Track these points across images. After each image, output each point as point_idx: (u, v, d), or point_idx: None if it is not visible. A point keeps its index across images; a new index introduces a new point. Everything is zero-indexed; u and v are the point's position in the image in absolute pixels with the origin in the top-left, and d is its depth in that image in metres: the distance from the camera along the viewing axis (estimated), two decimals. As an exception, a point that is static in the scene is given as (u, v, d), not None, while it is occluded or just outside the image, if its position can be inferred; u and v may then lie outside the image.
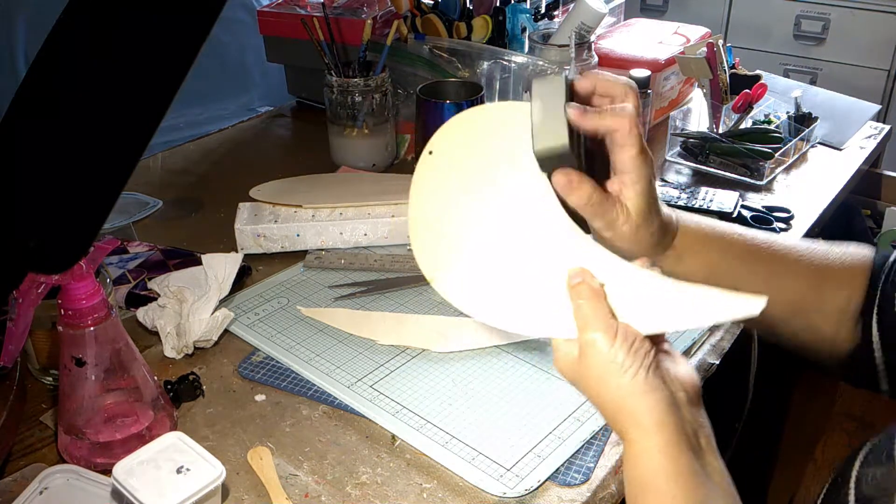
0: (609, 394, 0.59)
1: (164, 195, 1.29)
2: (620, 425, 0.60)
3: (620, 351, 0.58)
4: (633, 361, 0.58)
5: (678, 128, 1.38)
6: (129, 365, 0.77)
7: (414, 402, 0.85)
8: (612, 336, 0.59)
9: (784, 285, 0.70)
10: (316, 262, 1.09)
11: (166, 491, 0.69)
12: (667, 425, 0.58)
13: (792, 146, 1.36)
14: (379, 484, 0.76)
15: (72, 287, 0.70)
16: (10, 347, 0.72)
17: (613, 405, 0.60)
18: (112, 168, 0.63)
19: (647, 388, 0.59)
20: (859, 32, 2.54)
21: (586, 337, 0.59)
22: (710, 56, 1.35)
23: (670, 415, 0.59)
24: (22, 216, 0.65)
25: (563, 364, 0.61)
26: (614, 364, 0.59)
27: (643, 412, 0.60)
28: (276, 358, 0.92)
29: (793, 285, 0.70)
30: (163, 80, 0.61)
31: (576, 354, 0.60)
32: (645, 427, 0.59)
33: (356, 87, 1.28)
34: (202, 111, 1.98)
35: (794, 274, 0.70)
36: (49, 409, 0.85)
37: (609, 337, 0.59)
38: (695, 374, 0.62)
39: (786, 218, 1.20)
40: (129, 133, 0.62)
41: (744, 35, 2.72)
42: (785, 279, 0.70)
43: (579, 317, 0.60)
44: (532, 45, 1.43)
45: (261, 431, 0.83)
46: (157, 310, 0.94)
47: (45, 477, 0.74)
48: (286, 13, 1.53)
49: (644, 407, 0.60)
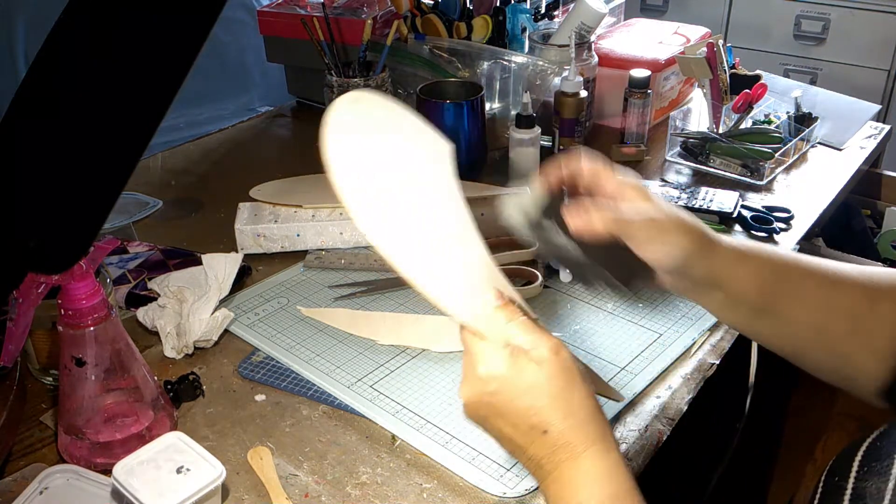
0: (582, 399, 0.59)
1: (164, 195, 1.29)
2: (586, 436, 0.58)
3: (574, 358, 0.60)
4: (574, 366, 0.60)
5: (678, 128, 1.38)
6: (129, 365, 0.77)
7: (414, 402, 0.85)
8: (563, 346, 0.60)
9: (838, 300, 0.67)
10: (316, 262, 1.09)
11: (166, 491, 0.69)
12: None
13: (792, 146, 1.36)
14: (379, 484, 0.76)
15: (72, 287, 0.70)
16: (10, 347, 0.72)
17: (586, 412, 0.59)
18: (112, 168, 0.63)
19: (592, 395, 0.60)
20: (859, 32, 2.54)
21: (544, 349, 0.59)
22: (710, 56, 1.35)
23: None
24: (22, 216, 0.65)
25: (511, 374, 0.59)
26: (578, 372, 0.59)
27: (606, 421, 0.60)
28: (276, 358, 0.92)
29: (847, 300, 0.67)
30: (163, 80, 0.61)
31: (521, 370, 0.59)
32: (611, 438, 0.59)
33: (356, 87, 1.28)
34: (202, 111, 1.98)
35: (849, 288, 0.67)
36: (49, 409, 0.85)
37: (561, 346, 0.59)
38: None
39: (786, 218, 1.20)
40: (129, 133, 0.62)
41: (744, 35, 2.72)
42: (839, 294, 0.67)
43: (518, 331, 0.60)
44: (532, 45, 1.43)
45: (261, 431, 0.83)
46: (157, 310, 0.94)
47: (45, 477, 0.74)
48: (286, 13, 1.53)
49: (603, 415, 0.60)
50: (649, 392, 0.87)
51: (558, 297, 1.02)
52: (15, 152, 0.63)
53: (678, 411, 0.85)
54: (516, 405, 0.59)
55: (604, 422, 0.60)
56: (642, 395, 0.87)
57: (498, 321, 0.61)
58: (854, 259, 1.39)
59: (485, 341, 0.61)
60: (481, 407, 0.61)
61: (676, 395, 0.87)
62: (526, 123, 1.22)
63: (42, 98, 0.61)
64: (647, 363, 0.91)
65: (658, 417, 0.84)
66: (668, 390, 0.88)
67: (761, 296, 0.67)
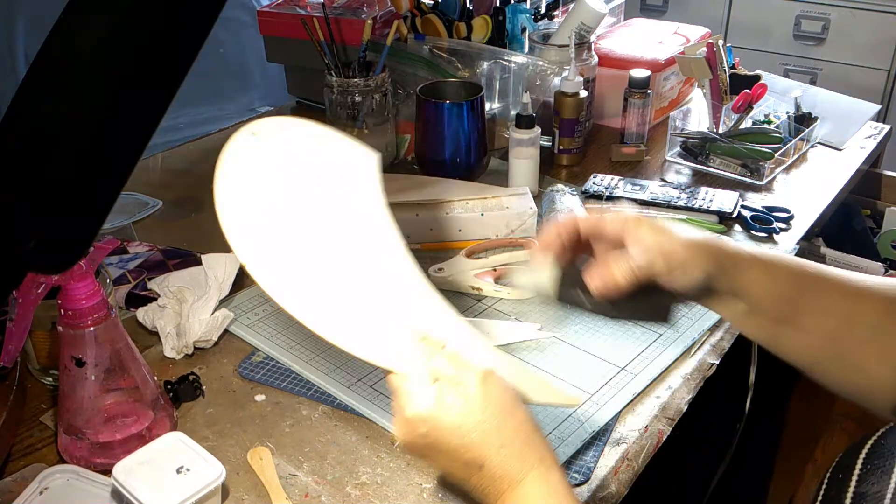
0: (517, 426, 0.58)
1: (164, 195, 1.29)
2: (524, 462, 0.58)
3: (503, 382, 0.60)
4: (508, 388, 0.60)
5: (678, 128, 1.38)
6: (129, 365, 0.77)
7: (414, 402, 0.85)
8: (492, 373, 0.60)
9: (860, 311, 0.67)
10: (316, 262, 1.09)
11: (166, 491, 0.69)
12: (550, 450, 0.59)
13: (792, 146, 1.36)
14: (379, 484, 0.76)
15: (72, 287, 0.70)
16: (10, 347, 0.72)
17: (522, 438, 0.59)
18: (112, 168, 0.63)
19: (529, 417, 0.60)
20: (859, 32, 2.54)
21: (471, 380, 0.59)
22: (710, 56, 1.35)
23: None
24: (22, 216, 0.65)
25: (439, 413, 0.59)
26: (510, 396, 0.59)
27: (544, 442, 0.59)
28: (276, 358, 0.92)
29: (868, 311, 0.66)
30: (163, 80, 0.61)
31: (443, 404, 0.59)
32: (550, 458, 0.59)
33: (356, 87, 1.28)
34: (202, 111, 1.98)
35: (870, 299, 0.67)
36: (49, 409, 0.85)
37: (488, 373, 0.60)
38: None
39: (786, 218, 1.20)
40: (129, 133, 0.62)
41: (744, 35, 2.72)
42: (861, 305, 0.67)
43: (443, 364, 0.60)
44: (532, 45, 1.43)
45: (261, 431, 0.83)
46: (157, 310, 0.94)
47: (45, 477, 0.74)
48: (286, 13, 1.53)
49: (540, 436, 0.60)
50: (649, 392, 0.87)
51: (558, 297, 1.02)
52: (14, 152, 0.63)
53: (678, 411, 0.85)
54: (448, 443, 0.59)
55: (542, 442, 0.60)
56: (642, 395, 0.87)
57: (420, 358, 0.61)
58: (854, 259, 1.39)
59: (409, 380, 0.60)
60: (416, 448, 0.61)
61: (676, 395, 0.87)
62: (526, 123, 1.22)
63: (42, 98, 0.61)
64: (647, 363, 0.91)
65: (658, 417, 0.84)
66: (668, 390, 0.88)
67: (783, 306, 0.66)
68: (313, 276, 0.60)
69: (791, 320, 0.66)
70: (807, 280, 0.67)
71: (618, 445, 0.80)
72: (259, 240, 0.58)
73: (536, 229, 1.12)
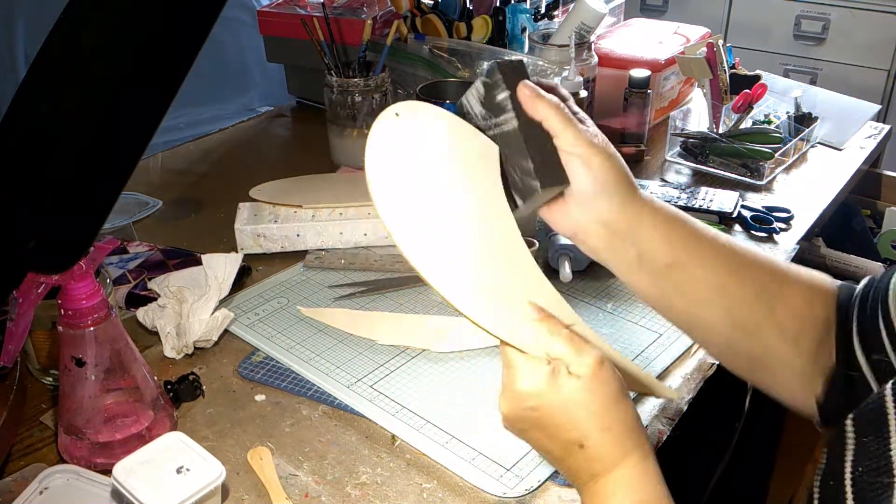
0: (621, 413, 0.59)
1: (164, 195, 1.29)
2: (623, 447, 0.59)
3: (615, 371, 0.60)
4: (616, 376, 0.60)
5: (678, 128, 1.38)
6: (129, 365, 0.77)
7: (414, 402, 0.85)
8: (606, 360, 0.60)
9: (746, 269, 0.67)
10: (316, 262, 1.09)
11: (166, 491, 0.69)
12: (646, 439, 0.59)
13: (792, 146, 1.36)
14: (379, 484, 0.76)
15: (72, 287, 0.70)
16: (10, 347, 0.72)
17: (626, 425, 0.59)
18: (112, 168, 0.63)
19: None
20: (859, 32, 2.54)
21: (584, 364, 0.59)
22: (710, 56, 1.35)
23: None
24: (22, 216, 0.65)
25: (550, 390, 0.59)
26: (618, 385, 0.59)
27: (643, 432, 0.60)
28: (276, 358, 0.92)
29: (755, 271, 0.67)
30: (163, 80, 0.61)
31: (562, 379, 0.59)
32: (648, 448, 0.59)
33: (356, 87, 1.28)
34: (202, 111, 1.98)
35: (757, 261, 0.68)
36: (49, 409, 0.85)
37: (602, 359, 0.60)
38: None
39: (786, 218, 1.20)
40: (129, 133, 0.62)
41: (744, 35, 2.72)
42: (747, 263, 0.67)
43: (559, 345, 0.60)
44: (532, 45, 1.43)
45: (261, 431, 0.83)
46: (157, 310, 0.94)
47: (45, 477, 0.74)
48: (286, 13, 1.53)
49: (641, 427, 0.60)
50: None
51: (558, 297, 1.02)
52: (14, 152, 0.63)
53: (678, 411, 0.85)
54: (554, 420, 0.60)
55: (642, 433, 0.61)
56: (642, 394, 0.87)
57: (538, 335, 0.61)
58: (854, 259, 1.39)
59: (525, 356, 0.61)
60: (520, 421, 0.62)
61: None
62: (526, 123, 1.22)
63: (42, 98, 0.61)
64: (647, 363, 0.91)
65: (658, 417, 0.84)
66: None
67: (671, 251, 0.66)
68: (450, 246, 0.62)
69: (677, 267, 0.66)
70: (692, 229, 0.67)
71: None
72: (405, 213, 0.61)
73: (536, 229, 1.12)
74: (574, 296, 1.02)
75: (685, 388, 0.88)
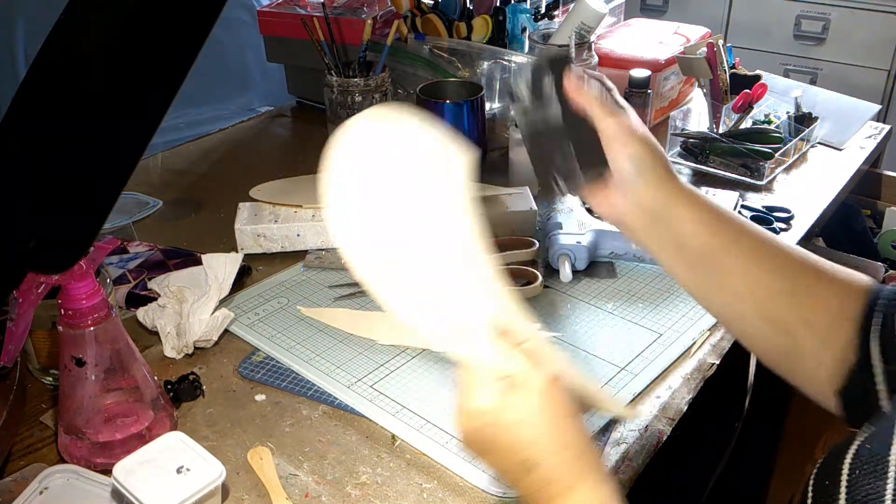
0: (574, 434, 0.59)
1: (164, 195, 1.29)
2: (577, 470, 0.58)
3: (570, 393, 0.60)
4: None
5: (678, 128, 1.38)
6: (129, 365, 0.77)
7: (414, 402, 0.85)
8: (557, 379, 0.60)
9: (779, 260, 0.67)
10: (316, 262, 1.09)
11: (166, 491, 0.69)
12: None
13: (792, 146, 1.36)
14: (379, 484, 0.76)
15: (72, 287, 0.70)
16: (10, 347, 0.72)
17: (578, 447, 0.59)
18: (112, 168, 0.63)
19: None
20: (859, 32, 2.54)
21: (536, 382, 0.59)
22: (710, 56, 1.35)
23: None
24: (22, 216, 0.65)
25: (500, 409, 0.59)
26: (574, 404, 0.59)
27: (597, 455, 0.60)
28: (276, 358, 0.92)
29: (787, 263, 0.67)
30: (163, 80, 0.61)
31: (509, 400, 0.59)
32: (603, 471, 0.59)
33: (356, 87, 1.28)
34: (202, 111, 1.98)
35: (790, 254, 0.68)
36: (49, 409, 0.85)
37: (554, 378, 0.59)
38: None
39: (786, 218, 1.20)
40: (129, 133, 0.62)
41: (744, 35, 2.72)
42: (780, 255, 0.68)
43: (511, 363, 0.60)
44: (532, 45, 1.43)
45: (261, 431, 0.83)
46: (157, 310, 0.94)
47: (45, 477, 0.74)
48: (286, 13, 1.53)
49: (594, 449, 0.60)
50: (649, 392, 0.87)
51: (558, 297, 1.02)
52: (15, 152, 0.63)
53: (678, 411, 0.85)
54: (506, 439, 0.59)
55: (595, 455, 0.60)
56: (642, 395, 0.87)
57: (492, 352, 0.61)
58: (854, 259, 1.39)
59: (477, 375, 0.61)
60: (478, 440, 0.61)
61: (676, 395, 0.87)
62: (526, 123, 1.22)
63: (42, 98, 0.61)
64: (647, 363, 0.91)
65: (658, 417, 0.84)
66: (668, 390, 0.88)
67: (705, 238, 0.67)
68: (399, 261, 0.62)
69: (710, 256, 0.67)
70: (726, 217, 0.68)
71: (618, 445, 0.80)
72: (355, 221, 0.61)
73: (536, 229, 1.12)
74: (574, 296, 1.02)
75: (685, 388, 0.88)
